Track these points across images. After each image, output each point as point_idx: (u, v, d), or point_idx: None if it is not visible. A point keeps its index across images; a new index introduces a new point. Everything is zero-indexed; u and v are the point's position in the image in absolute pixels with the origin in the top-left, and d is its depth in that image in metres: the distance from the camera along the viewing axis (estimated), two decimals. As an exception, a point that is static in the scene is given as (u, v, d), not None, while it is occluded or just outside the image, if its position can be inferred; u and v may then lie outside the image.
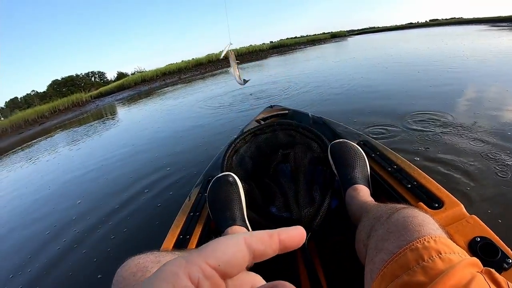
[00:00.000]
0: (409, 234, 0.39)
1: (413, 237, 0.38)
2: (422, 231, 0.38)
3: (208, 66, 18.46)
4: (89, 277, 1.25)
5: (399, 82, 3.39)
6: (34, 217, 2.10)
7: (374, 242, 0.43)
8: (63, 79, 29.55)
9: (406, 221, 0.41)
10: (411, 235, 0.38)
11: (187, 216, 0.82)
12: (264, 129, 1.08)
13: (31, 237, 1.79)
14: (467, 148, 1.49)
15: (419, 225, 0.39)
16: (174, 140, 3.10)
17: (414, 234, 0.38)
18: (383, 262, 0.39)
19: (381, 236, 0.43)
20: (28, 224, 2.00)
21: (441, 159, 1.43)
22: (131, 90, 15.62)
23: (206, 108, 4.37)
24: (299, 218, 0.70)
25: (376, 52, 8.09)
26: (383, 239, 0.42)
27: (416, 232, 0.38)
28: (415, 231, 0.39)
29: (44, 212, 2.12)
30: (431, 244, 0.36)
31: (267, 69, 9.71)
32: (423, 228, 0.39)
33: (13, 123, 11.76)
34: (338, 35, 28.30)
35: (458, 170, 1.31)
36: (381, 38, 16.49)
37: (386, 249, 0.40)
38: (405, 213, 0.43)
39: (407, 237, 0.38)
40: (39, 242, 1.67)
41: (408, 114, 2.11)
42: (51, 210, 2.11)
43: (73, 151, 4.23)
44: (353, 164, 0.77)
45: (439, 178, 1.27)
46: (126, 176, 2.36)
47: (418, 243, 0.37)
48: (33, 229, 1.89)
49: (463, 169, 1.31)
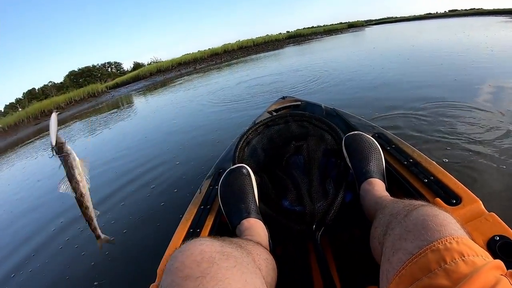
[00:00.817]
0: (429, 234, 0.37)
1: (434, 237, 0.36)
2: (444, 231, 0.36)
3: (223, 56, 18.45)
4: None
5: (422, 75, 3.25)
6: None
7: (391, 241, 0.42)
8: (79, 70, 29.92)
9: (426, 219, 0.39)
10: (431, 235, 0.36)
11: (197, 209, 0.82)
12: (276, 120, 1.06)
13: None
14: (493, 144, 1.43)
15: (440, 225, 0.38)
16: (185, 134, 3.10)
17: (435, 234, 0.36)
18: (401, 262, 0.37)
19: (399, 234, 0.41)
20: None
21: (467, 151, 1.40)
22: (147, 80, 15.82)
23: (220, 101, 4.34)
24: (312, 211, 0.69)
25: (396, 43, 7.86)
26: (401, 238, 0.40)
27: (437, 232, 0.37)
28: (436, 231, 0.37)
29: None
30: (453, 245, 0.34)
31: (285, 59, 9.63)
32: (444, 228, 0.37)
33: (29, 114, 12.06)
34: (355, 25, 27.41)
35: (482, 167, 1.27)
36: (399, 28, 15.91)
37: (405, 249, 0.38)
38: (424, 211, 0.41)
39: (428, 237, 0.37)
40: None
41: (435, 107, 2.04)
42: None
43: (86, 142, 4.33)
44: (368, 157, 0.75)
45: (463, 172, 1.25)
46: (139, 169, 2.41)
47: (439, 244, 0.35)
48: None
49: (488, 166, 1.27)
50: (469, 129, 1.64)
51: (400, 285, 0.36)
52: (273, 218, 0.73)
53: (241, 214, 0.70)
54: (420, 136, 1.65)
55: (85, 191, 0.53)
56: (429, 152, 1.41)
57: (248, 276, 0.40)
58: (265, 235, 0.67)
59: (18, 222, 2.11)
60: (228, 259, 0.40)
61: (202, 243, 0.41)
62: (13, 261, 1.55)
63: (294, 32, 24.92)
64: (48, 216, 1.99)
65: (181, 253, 0.39)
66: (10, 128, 11.07)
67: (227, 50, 19.67)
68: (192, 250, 0.39)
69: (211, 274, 0.36)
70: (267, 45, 19.93)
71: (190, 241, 0.42)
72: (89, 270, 1.30)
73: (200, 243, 0.41)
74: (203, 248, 0.40)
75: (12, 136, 9.82)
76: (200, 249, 0.39)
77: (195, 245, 0.40)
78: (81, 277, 1.28)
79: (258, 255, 0.50)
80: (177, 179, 1.94)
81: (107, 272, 1.25)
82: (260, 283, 0.42)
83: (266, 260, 0.52)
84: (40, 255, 1.53)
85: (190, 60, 18.37)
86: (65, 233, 1.68)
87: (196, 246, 0.40)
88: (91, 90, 14.53)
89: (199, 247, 0.40)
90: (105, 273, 1.25)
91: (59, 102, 13.19)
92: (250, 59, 12.62)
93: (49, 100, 13.99)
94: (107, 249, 1.38)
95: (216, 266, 0.37)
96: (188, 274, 0.36)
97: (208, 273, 0.36)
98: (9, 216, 2.32)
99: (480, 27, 8.67)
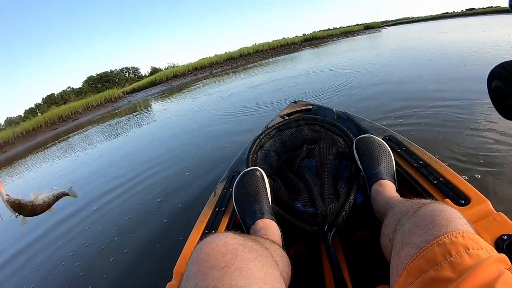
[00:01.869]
0: (436, 229, 0.39)
1: (441, 232, 0.38)
2: (450, 226, 0.38)
3: (239, 60, 18.55)
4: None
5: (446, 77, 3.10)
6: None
7: (400, 236, 0.44)
8: (98, 75, 30.66)
9: (434, 215, 0.41)
10: (438, 229, 0.38)
11: (212, 211, 0.84)
12: (288, 124, 1.08)
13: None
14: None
15: (447, 220, 0.39)
16: (201, 141, 3.09)
17: (442, 229, 0.38)
18: (409, 256, 0.39)
19: (408, 230, 0.43)
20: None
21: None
22: (163, 85, 16.08)
23: (230, 108, 4.35)
24: (324, 213, 0.71)
25: (416, 44, 7.62)
26: (409, 232, 0.42)
27: (444, 226, 0.38)
28: (442, 225, 0.39)
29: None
30: (458, 239, 0.36)
31: (301, 63, 9.55)
32: (451, 223, 0.39)
33: (47, 119, 12.41)
34: (371, 27, 26.88)
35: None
36: (417, 29, 15.49)
37: (413, 243, 0.40)
38: (432, 207, 0.43)
39: (435, 231, 0.38)
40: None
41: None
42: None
43: (99, 149, 4.45)
44: (378, 159, 0.76)
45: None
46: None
47: (445, 238, 0.37)
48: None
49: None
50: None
51: (408, 278, 0.38)
52: (286, 219, 0.75)
53: (255, 215, 0.72)
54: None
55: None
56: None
57: (269, 268, 0.42)
58: (279, 235, 0.70)
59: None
60: (250, 251, 0.42)
61: (225, 236, 0.43)
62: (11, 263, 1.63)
63: (310, 34, 24.83)
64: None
65: (206, 245, 0.41)
66: (29, 133, 11.42)
67: (243, 54, 19.73)
68: (216, 242, 0.41)
69: (236, 265, 0.38)
70: (283, 49, 19.95)
71: (214, 235, 0.44)
72: (106, 269, 1.35)
73: (224, 236, 0.43)
74: (226, 240, 0.42)
75: (31, 141, 10.15)
76: (224, 241, 0.41)
77: (219, 238, 0.42)
78: (96, 277, 1.34)
79: (274, 251, 0.52)
80: (190, 182, 1.99)
81: (123, 273, 1.30)
82: (279, 275, 0.44)
83: (282, 257, 0.54)
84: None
85: (206, 65, 18.49)
86: (83, 234, 1.75)
87: (220, 238, 0.42)
88: (108, 95, 14.88)
89: (223, 239, 0.42)
90: (122, 274, 1.30)
91: (76, 108, 13.52)
92: (266, 62, 12.65)
93: (67, 106, 14.39)
94: (126, 249, 1.43)
95: (240, 257, 0.39)
96: (214, 264, 0.38)
97: (233, 263, 0.38)
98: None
99: (500, 26, 8.33)
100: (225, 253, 0.39)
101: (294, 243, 0.78)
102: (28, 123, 12.49)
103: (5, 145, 10.40)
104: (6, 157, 8.29)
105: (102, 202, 2.20)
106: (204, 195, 1.63)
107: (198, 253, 0.40)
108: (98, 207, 2.12)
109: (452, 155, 1.45)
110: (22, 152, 8.06)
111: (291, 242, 0.76)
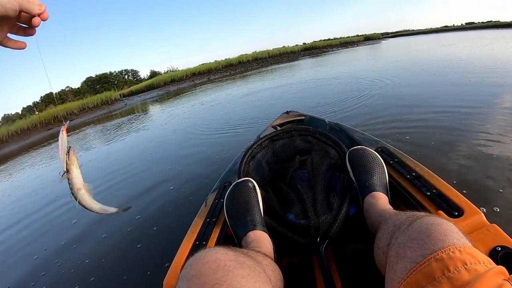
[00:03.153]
0: (433, 243, 0.38)
1: (438, 246, 0.37)
2: (447, 240, 0.38)
3: (238, 67, 18.63)
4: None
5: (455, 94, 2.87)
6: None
7: (395, 250, 0.43)
8: (97, 76, 30.71)
9: (430, 228, 0.40)
10: (435, 244, 0.38)
11: (203, 222, 0.83)
12: (281, 134, 1.08)
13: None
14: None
15: (443, 234, 0.39)
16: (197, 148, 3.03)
17: (439, 244, 0.38)
18: (405, 270, 0.38)
19: (403, 243, 0.42)
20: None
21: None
22: (160, 90, 16.06)
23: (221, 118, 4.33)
24: (317, 225, 0.70)
25: (417, 56, 7.54)
26: (404, 246, 0.41)
27: (441, 241, 0.38)
28: (439, 240, 0.38)
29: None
30: (456, 254, 0.36)
31: (299, 71, 9.62)
32: (447, 237, 0.38)
33: (42, 119, 12.19)
34: (371, 38, 27.46)
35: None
36: (417, 41, 15.59)
37: (409, 257, 0.39)
38: (428, 221, 0.43)
39: (431, 246, 0.38)
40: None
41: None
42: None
43: (87, 156, 4.36)
44: (371, 171, 0.76)
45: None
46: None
47: (443, 253, 0.36)
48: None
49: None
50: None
51: None
52: (278, 231, 0.74)
53: (247, 227, 0.71)
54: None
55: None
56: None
57: (261, 284, 0.41)
58: (271, 247, 0.68)
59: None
60: (243, 267, 0.41)
61: (216, 251, 0.42)
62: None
63: (310, 44, 25.09)
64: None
65: (197, 261, 0.40)
66: (23, 132, 11.22)
67: (242, 61, 19.79)
68: (207, 258, 0.40)
69: (228, 282, 0.37)
70: (282, 57, 20.14)
71: (204, 250, 0.43)
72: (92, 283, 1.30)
73: (215, 251, 0.42)
74: (218, 256, 0.41)
75: (25, 139, 10.00)
76: (215, 257, 0.40)
77: (210, 254, 0.41)
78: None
79: (266, 265, 0.51)
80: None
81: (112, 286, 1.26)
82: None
83: (274, 271, 0.53)
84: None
85: (204, 71, 18.48)
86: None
87: (211, 254, 0.41)
88: (104, 97, 14.70)
89: (214, 255, 0.41)
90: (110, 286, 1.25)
91: (72, 108, 13.30)
92: (265, 70, 12.74)
93: (63, 106, 14.11)
94: (112, 262, 1.39)
95: (232, 274, 0.38)
96: (205, 282, 0.37)
97: (225, 280, 0.37)
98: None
99: (501, 40, 8.36)
100: (216, 270, 0.38)
101: (286, 255, 0.76)
102: (23, 122, 12.21)
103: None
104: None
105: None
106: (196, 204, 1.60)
107: (188, 270, 0.39)
108: (90, 215, 2.06)
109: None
110: (16, 150, 7.94)
111: (283, 253, 0.75)
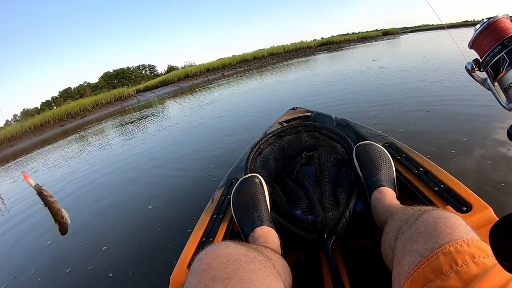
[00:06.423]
0: (440, 237, 0.38)
1: (445, 240, 0.37)
2: (454, 234, 0.37)
3: (253, 62, 18.47)
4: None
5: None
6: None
7: (402, 244, 0.43)
8: (114, 71, 31.02)
9: (437, 222, 0.40)
10: (442, 237, 0.38)
11: (210, 218, 0.83)
12: (287, 130, 1.08)
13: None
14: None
15: (451, 227, 0.39)
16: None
17: (446, 237, 0.37)
18: (412, 264, 0.38)
19: (410, 237, 0.42)
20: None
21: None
22: (174, 85, 16.19)
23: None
24: (324, 220, 0.70)
25: (444, 52, 6.79)
26: (411, 240, 0.41)
27: (448, 234, 0.38)
28: (446, 233, 0.38)
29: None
30: (464, 248, 0.36)
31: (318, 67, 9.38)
32: (455, 231, 0.38)
33: (56, 115, 12.39)
34: (390, 33, 26.93)
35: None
36: (437, 36, 14.62)
37: (416, 251, 0.39)
38: (435, 214, 0.42)
39: (439, 239, 0.38)
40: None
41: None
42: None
43: (90, 153, 4.40)
44: (378, 167, 0.76)
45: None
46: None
47: (450, 246, 0.36)
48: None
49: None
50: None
51: (412, 287, 0.37)
52: (285, 227, 0.74)
53: (254, 222, 0.71)
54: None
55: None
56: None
57: (272, 279, 0.41)
58: (278, 243, 0.69)
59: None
60: (253, 262, 0.41)
61: (227, 246, 0.42)
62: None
63: (327, 39, 24.80)
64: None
65: (207, 255, 0.40)
66: (37, 128, 11.41)
67: (257, 56, 19.58)
68: (218, 252, 0.40)
69: (238, 276, 0.37)
70: (298, 52, 19.92)
71: (215, 244, 0.43)
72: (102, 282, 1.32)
73: (226, 246, 0.42)
74: (228, 250, 0.41)
75: (38, 136, 10.18)
76: (226, 251, 0.40)
77: (220, 248, 0.41)
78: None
79: (275, 261, 0.51)
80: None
81: (120, 282, 1.28)
82: (282, 286, 0.43)
83: (283, 266, 0.53)
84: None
85: (218, 66, 18.35)
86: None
87: (222, 248, 0.41)
88: (118, 93, 14.90)
89: (224, 249, 0.41)
90: (118, 284, 1.28)
91: (85, 105, 13.49)
92: (281, 65, 12.56)
93: (76, 103, 14.38)
94: (119, 260, 1.41)
95: (242, 268, 0.38)
96: (215, 276, 0.37)
97: (235, 275, 0.37)
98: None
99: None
100: (227, 264, 0.38)
101: (293, 251, 0.77)
102: (37, 118, 12.49)
103: (12, 139, 10.42)
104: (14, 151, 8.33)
105: (98, 206, 2.20)
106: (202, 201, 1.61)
107: (198, 264, 0.39)
108: (94, 213, 2.10)
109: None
110: (29, 147, 8.06)
111: (290, 249, 0.75)
